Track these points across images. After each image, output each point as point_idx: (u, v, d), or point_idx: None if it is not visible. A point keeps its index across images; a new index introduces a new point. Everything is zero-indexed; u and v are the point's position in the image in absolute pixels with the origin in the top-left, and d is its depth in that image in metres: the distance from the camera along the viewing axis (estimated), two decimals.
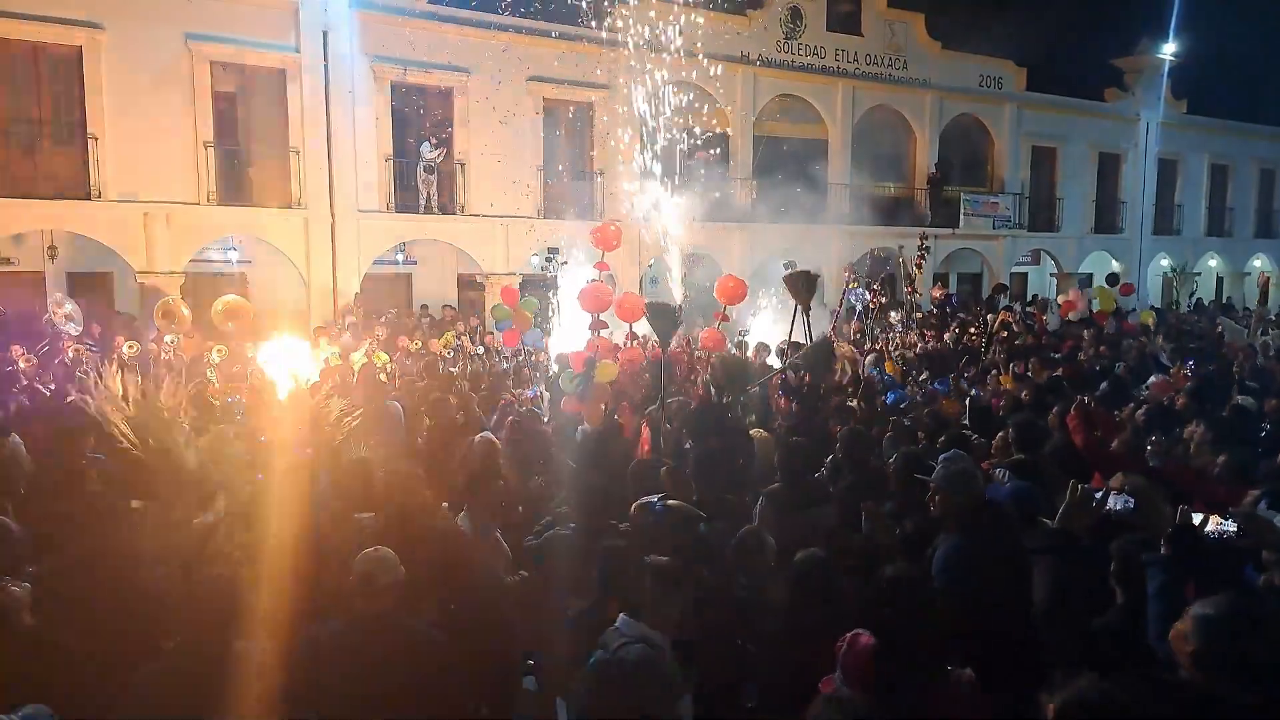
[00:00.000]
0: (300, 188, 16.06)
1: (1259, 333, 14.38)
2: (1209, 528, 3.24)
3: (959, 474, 3.67)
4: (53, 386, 8.82)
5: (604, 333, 9.56)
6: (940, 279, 21.25)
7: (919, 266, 12.71)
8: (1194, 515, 3.24)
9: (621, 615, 3.14)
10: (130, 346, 11.69)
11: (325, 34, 15.74)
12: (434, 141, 17.05)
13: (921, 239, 11.84)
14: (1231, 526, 3.22)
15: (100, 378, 5.04)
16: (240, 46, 15.27)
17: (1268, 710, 1.89)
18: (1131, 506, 3.12)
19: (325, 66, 15.85)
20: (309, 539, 4.01)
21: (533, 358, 12.13)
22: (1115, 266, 26.03)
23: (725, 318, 9.14)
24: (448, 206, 17.46)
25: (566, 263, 11.89)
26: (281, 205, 16.04)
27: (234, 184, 15.79)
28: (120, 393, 4.80)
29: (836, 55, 21.30)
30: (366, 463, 4.99)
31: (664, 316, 7.05)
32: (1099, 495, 3.21)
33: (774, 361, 10.57)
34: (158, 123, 14.73)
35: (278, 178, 16.12)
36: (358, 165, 16.41)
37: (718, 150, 20.62)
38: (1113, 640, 3.04)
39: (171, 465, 4.31)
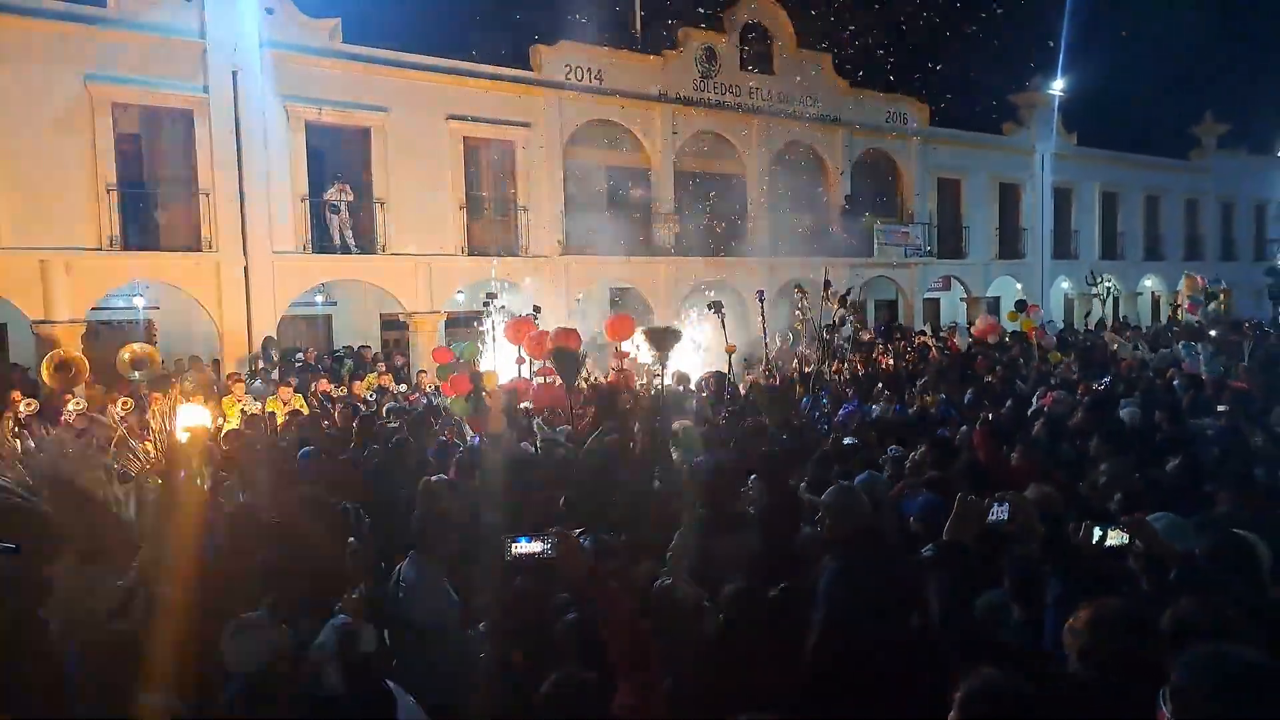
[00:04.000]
0: (211, 230, 15.59)
1: (1134, 347, 15.31)
2: (1110, 540, 3.40)
3: (844, 500, 3.83)
4: None
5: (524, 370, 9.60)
6: (857, 307, 21.92)
7: (825, 298, 13.12)
8: (1095, 528, 3.40)
9: None
10: (28, 405, 11.07)
11: (235, 74, 15.43)
12: (339, 181, 16.77)
13: (824, 272, 12.44)
14: (1125, 537, 3.39)
15: None
16: (144, 87, 14.82)
17: (1145, 701, 2.05)
18: (1005, 517, 3.27)
19: (235, 106, 15.51)
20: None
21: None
22: (1019, 289, 27.33)
23: (623, 354, 9.39)
24: (368, 246, 17.20)
25: (505, 307, 11.98)
26: (191, 249, 15.54)
27: (139, 228, 15.23)
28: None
29: (751, 93, 21.97)
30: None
31: (567, 360, 7.23)
32: (984, 507, 3.36)
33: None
34: (55, 166, 14.11)
35: (186, 221, 15.62)
36: (272, 206, 16.03)
37: (640, 186, 21.00)
38: (1018, 651, 3.19)
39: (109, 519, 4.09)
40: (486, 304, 12.31)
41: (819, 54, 23.30)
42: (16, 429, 9.93)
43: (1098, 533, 3.36)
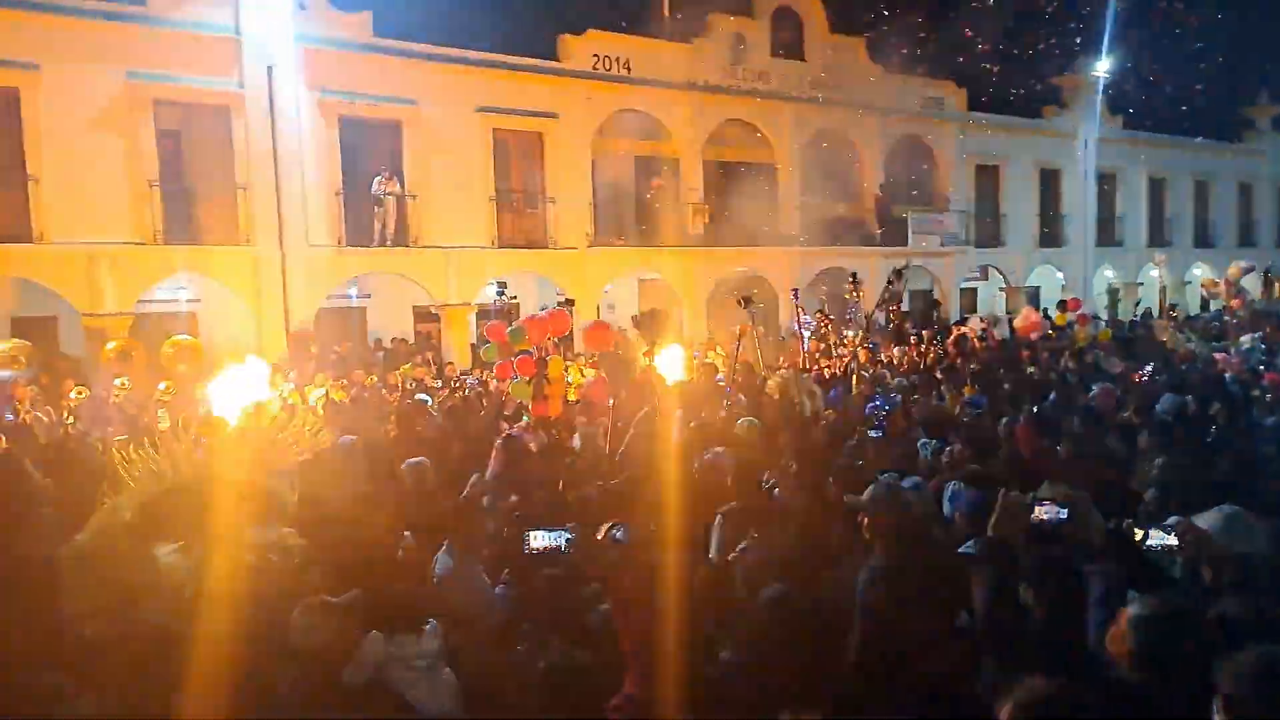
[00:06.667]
0: (248, 224, 15.85)
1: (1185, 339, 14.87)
2: (1150, 541, 3.31)
3: (885, 495, 3.77)
4: None
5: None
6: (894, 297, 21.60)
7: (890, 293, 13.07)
8: (1138, 529, 3.31)
9: None
10: (79, 392, 11.39)
11: (270, 69, 15.65)
12: (387, 174, 16.93)
13: (900, 269, 12.43)
14: (1173, 539, 3.29)
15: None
16: (182, 84, 15.10)
17: (1197, 703, 1.98)
18: (1064, 517, 3.18)
19: (270, 101, 15.74)
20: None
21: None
22: (1060, 279, 26.73)
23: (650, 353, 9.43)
24: (400, 239, 17.34)
25: (516, 298, 12.15)
26: (230, 243, 15.81)
27: (181, 223, 15.54)
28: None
29: (781, 79, 21.70)
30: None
31: (618, 365, 7.25)
32: (1029, 504, 3.29)
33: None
34: (100, 163, 14.50)
35: (225, 215, 15.91)
36: (307, 199, 16.26)
37: (669, 176, 20.89)
38: (1048, 646, 3.11)
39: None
40: (500, 293, 12.54)
41: (852, 38, 22.94)
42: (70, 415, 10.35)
43: (1140, 534, 3.27)
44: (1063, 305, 17.41)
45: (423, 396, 11.48)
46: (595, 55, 19.18)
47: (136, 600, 3.76)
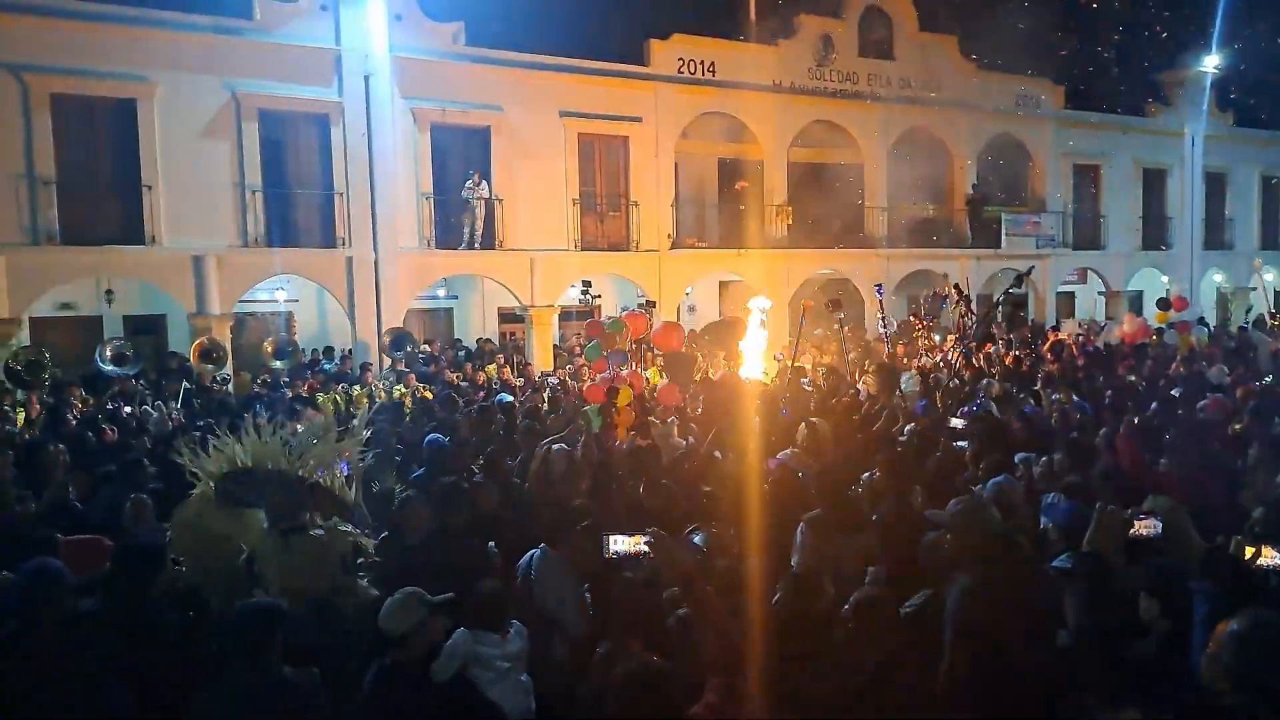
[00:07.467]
0: (345, 228, 16.45)
1: None
2: (1261, 560, 3.13)
3: (967, 513, 3.62)
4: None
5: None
6: (984, 300, 20.89)
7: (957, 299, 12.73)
8: (1248, 546, 3.14)
9: None
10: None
11: (367, 79, 16.21)
12: (476, 178, 17.32)
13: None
14: None
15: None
16: (285, 94, 15.78)
17: None
18: (1159, 531, 3.04)
19: (367, 110, 16.30)
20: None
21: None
22: (1165, 283, 25.37)
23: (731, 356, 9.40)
24: (487, 241, 17.72)
25: (599, 296, 12.26)
26: (326, 246, 16.44)
27: (281, 226, 16.20)
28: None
29: (870, 80, 21.28)
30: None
31: (681, 364, 7.24)
32: (1127, 518, 3.14)
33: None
34: (207, 170, 15.25)
35: (323, 219, 16.55)
36: (399, 204, 16.78)
37: (753, 177, 20.72)
38: (1152, 666, 2.95)
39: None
40: (585, 292, 12.75)
41: (943, 36, 22.31)
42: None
43: (1250, 552, 3.10)
44: (1164, 303, 16.37)
45: (505, 396, 11.75)
46: (680, 59, 19.19)
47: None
